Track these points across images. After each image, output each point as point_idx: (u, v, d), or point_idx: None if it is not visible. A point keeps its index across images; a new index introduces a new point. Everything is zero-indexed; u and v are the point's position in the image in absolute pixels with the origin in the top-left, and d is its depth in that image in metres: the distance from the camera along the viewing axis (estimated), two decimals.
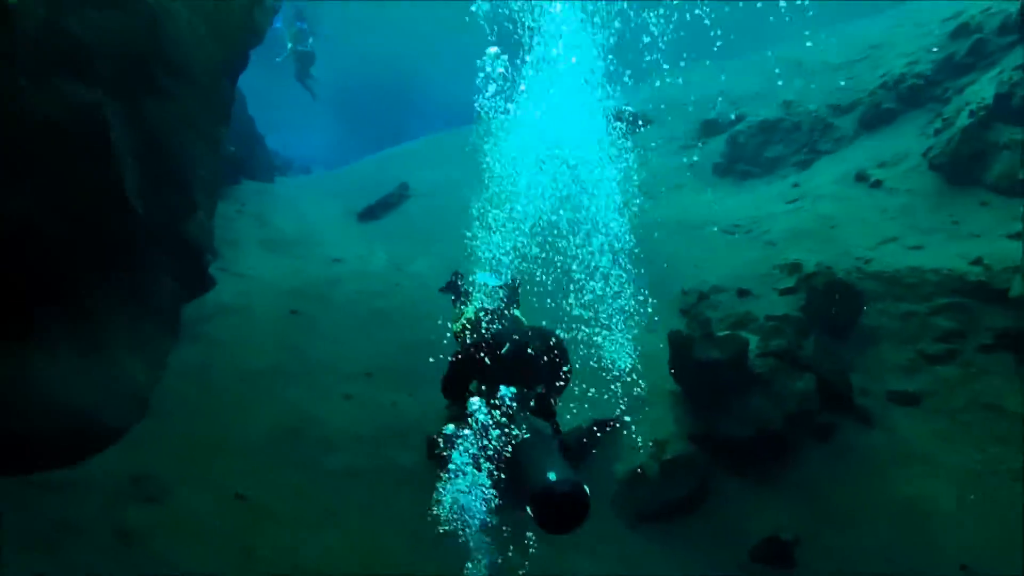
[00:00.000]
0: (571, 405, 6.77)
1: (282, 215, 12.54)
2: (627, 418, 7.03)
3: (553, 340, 3.96)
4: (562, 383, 4.05)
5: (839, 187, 10.04)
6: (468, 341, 4.17)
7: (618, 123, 6.84)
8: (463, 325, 4.56)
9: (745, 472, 6.35)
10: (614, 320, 6.17)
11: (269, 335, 8.79)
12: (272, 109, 23.03)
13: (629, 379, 7.15)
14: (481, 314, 4.47)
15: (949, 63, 11.42)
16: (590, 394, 6.77)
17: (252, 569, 5.55)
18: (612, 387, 7.14)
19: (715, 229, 10.27)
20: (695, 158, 13.68)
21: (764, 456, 6.33)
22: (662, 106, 15.34)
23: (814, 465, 6.35)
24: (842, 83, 12.84)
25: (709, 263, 9.35)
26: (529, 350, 3.70)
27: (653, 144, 14.72)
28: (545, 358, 3.86)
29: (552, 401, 3.60)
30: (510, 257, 5.42)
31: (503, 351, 3.64)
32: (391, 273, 10.72)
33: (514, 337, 3.79)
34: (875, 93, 11.87)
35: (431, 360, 5.67)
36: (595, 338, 6.68)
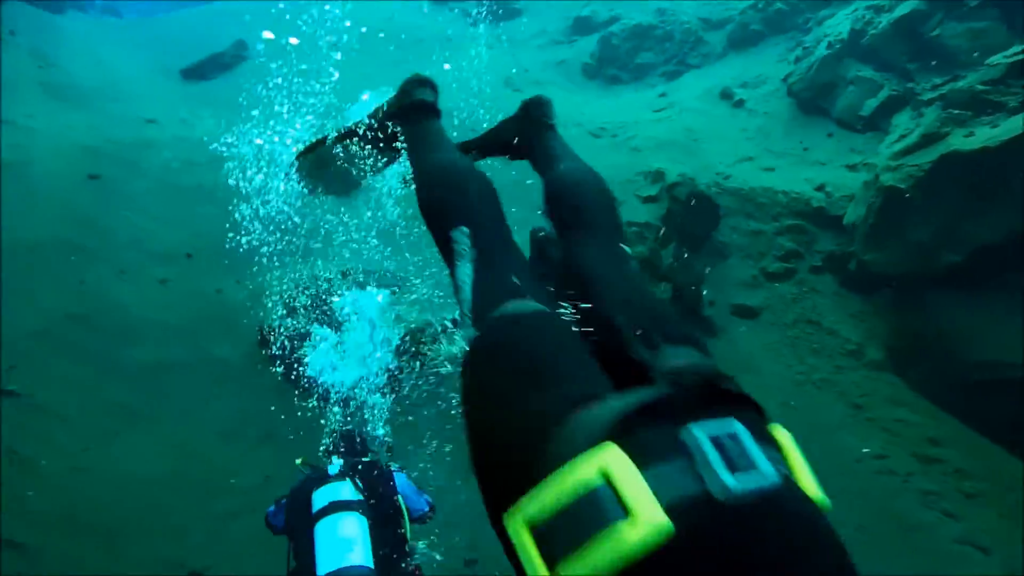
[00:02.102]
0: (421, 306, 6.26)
1: (75, 57, 10.21)
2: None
3: None
4: None
5: (705, 102, 10.09)
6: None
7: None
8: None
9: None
10: None
11: (56, 202, 7.18)
12: None
13: None
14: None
15: None
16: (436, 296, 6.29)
17: (24, 481, 4.57)
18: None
19: (582, 130, 9.94)
20: (565, 56, 13.14)
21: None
22: None
23: None
24: None
25: None
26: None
27: (521, 37, 13.93)
28: None
29: None
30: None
31: None
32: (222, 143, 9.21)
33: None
34: (745, 13, 11.95)
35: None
36: None
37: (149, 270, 6.82)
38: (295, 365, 5.58)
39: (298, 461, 2.92)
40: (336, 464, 2.88)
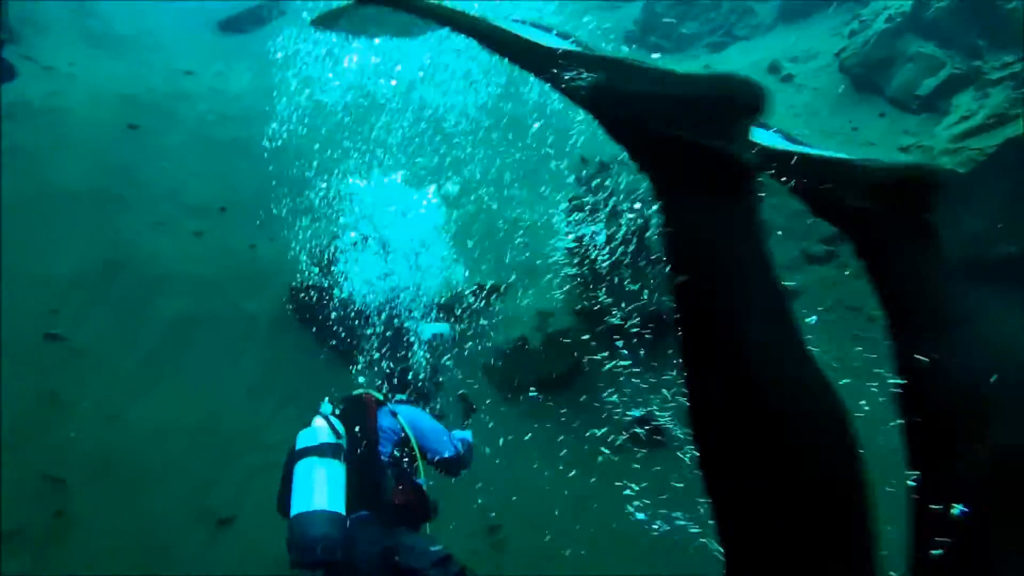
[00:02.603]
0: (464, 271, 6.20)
1: (116, 5, 10.15)
2: (515, 289, 6.60)
3: None
4: None
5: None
6: None
7: None
8: None
9: (627, 350, 6.24)
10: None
11: (94, 149, 7.19)
12: None
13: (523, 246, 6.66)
14: None
15: None
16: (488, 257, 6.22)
17: (65, 422, 4.65)
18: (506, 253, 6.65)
19: None
20: (607, 23, 12.74)
21: (647, 336, 6.21)
22: None
23: None
24: None
25: None
26: None
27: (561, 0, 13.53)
28: None
29: None
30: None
31: None
32: (257, 98, 9.13)
33: None
34: None
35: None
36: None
37: (184, 222, 6.82)
38: (325, 313, 5.55)
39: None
40: (325, 404, 2.85)
